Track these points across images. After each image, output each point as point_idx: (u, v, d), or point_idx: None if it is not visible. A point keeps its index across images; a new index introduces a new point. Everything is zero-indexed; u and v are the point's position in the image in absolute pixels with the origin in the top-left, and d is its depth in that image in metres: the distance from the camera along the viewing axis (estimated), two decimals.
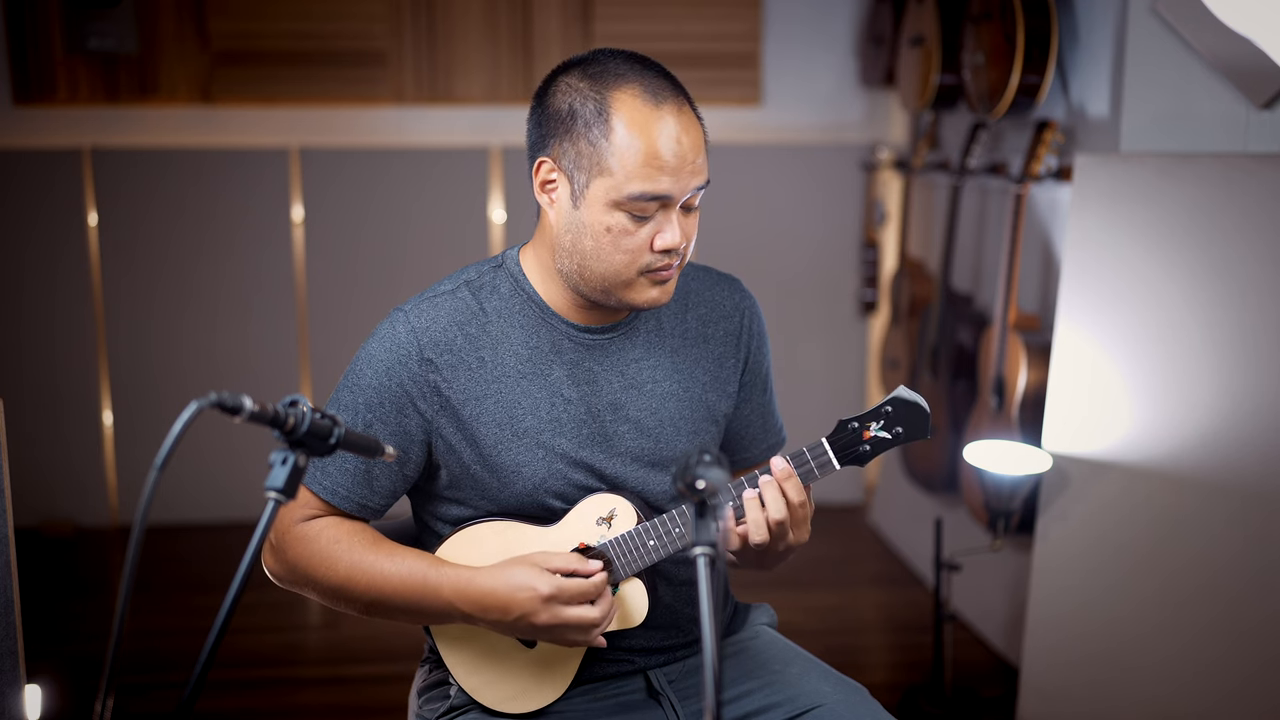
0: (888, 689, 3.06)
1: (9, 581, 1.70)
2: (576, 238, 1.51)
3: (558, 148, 1.50)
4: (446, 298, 1.59)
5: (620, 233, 1.48)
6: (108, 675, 1.09)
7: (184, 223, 4.22)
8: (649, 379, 1.62)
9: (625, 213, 1.47)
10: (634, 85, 1.47)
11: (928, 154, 3.86)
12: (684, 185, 1.48)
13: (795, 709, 1.62)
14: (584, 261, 1.52)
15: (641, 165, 1.45)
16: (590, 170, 1.47)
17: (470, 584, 1.52)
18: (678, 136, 1.47)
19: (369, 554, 1.55)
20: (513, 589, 1.49)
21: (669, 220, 1.49)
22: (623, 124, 1.46)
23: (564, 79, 1.51)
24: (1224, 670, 2.44)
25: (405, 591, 1.54)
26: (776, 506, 1.49)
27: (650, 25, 4.24)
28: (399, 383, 1.55)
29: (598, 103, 1.47)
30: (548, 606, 1.49)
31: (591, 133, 1.47)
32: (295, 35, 4.18)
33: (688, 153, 1.47)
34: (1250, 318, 2.45)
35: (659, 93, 1.48)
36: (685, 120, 1.48)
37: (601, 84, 1.48)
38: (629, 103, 1.46)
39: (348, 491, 1.57)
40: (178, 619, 3.52)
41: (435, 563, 1.55)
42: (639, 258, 1.50)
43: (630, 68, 1.49)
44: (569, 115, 1.48)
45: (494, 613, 1.51)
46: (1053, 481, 2.71)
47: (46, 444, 4.21)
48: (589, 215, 1.49)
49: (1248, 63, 2.56)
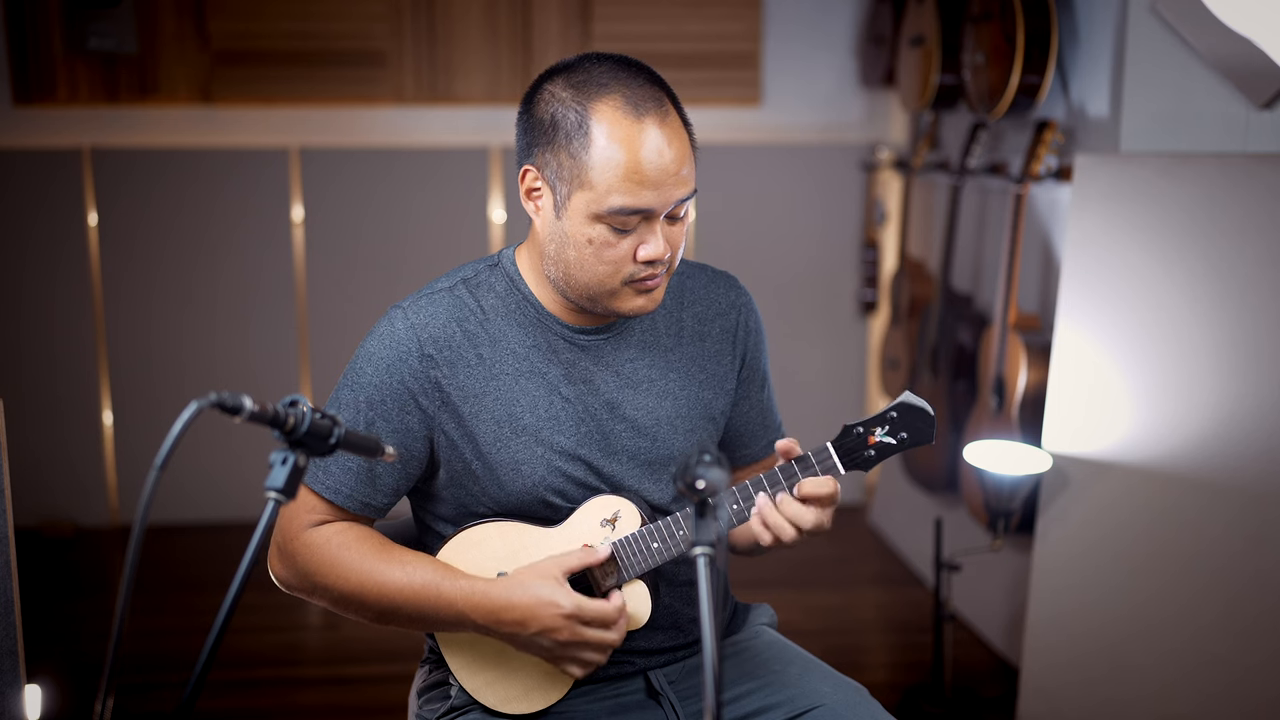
0: (888, 689, 3.06)
1: (9, 581, 1.70)
2: (560, 247, 1.51)
3: (541, 157, 1.49)
4: (444, 295, 1.59)
5: (602, 244, 1.48)
6: (108, 675, 1.09)
7: (184, 223, 4.22)
8: (645, 378, 1.63)
9: (606, 225, 1.47)
10: (616, 96, 1.46)
11: (928, 154, 3.86)
12: (666, 198, 1.47)
13: (795, 709, 1.62)
14: (568, 271, 1.51)
15: (622, 179, 1.44)
16: (571, 182, 1.47)
17: (486, 596, 1.51)
18: (660, 149, 1.45)
19: (379, 563, 1.54)
20: (536, 603, 1.49)
21: (652, 231, 1.48)
22: (603, 136, 1.44)
23: (548, 87, 1.50)
24: (1223, 670, 2.44)
25: (417, 602, 1.54)
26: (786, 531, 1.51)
27: (650, 25, 4.24)
28: (400, 379, 1.55)
29: (579, 114, 1.46)
30: (569, 624, 1.49)
31: (573, 144, 1.46)
32: (295, 35, 4.18)
33: (670, 165, 1.46)
34: (1250, 318, 2.45)
35: (641, 104, 1.46)
36: (669, 131, 1.47)
37: (584, 94, 1.46)
38: (610, 114, 1.45)
39: (351, 490, 1.57)
40: (178, 619, 3.52)
41: (447, 573, 1.54)
42: (622, 268, 1.49)
43: (614, 76, 1.48)
44: (551, 125, 1.47)
45: (510, 625, 1.51)
46: (1053, 481, 2.71)
47: (46, 444, 4.21)
48: (571, 226, 1.48)
49: (1248, 63, 2.56)
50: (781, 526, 1.50)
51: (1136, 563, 2.58)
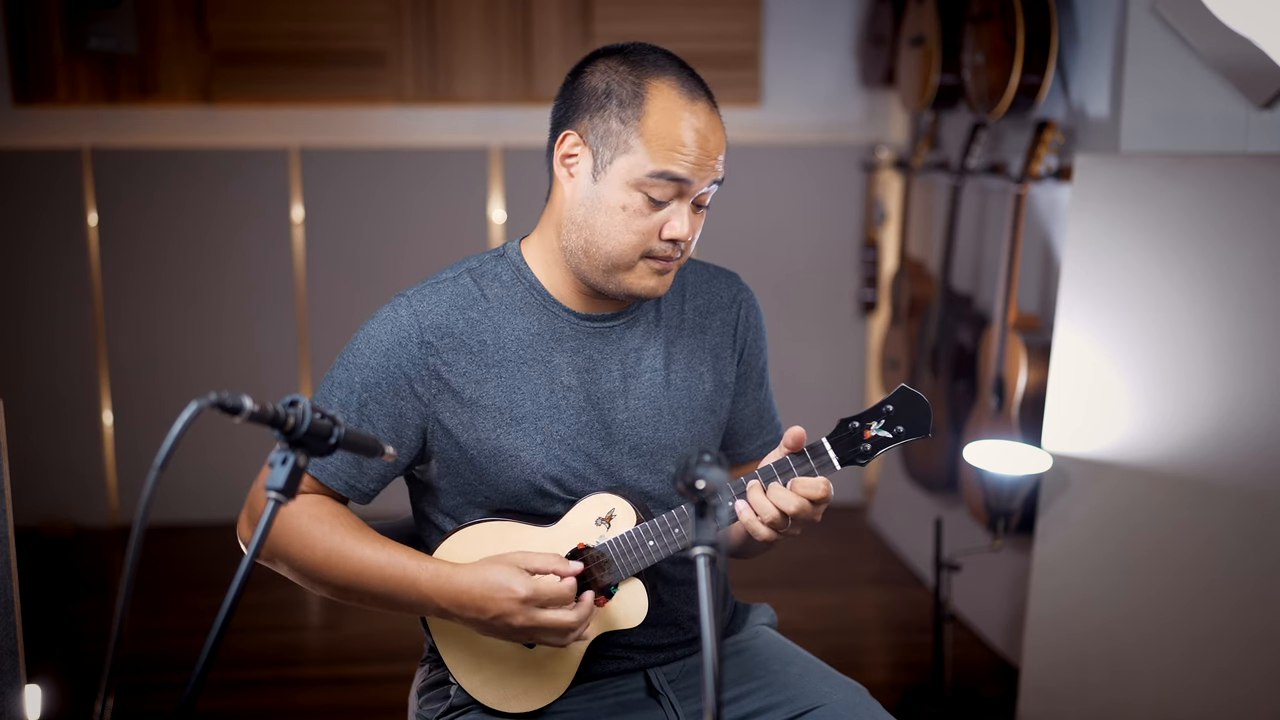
0: (888, 689, 3.06)
1: (9, 581, 1.70)
2: (590, 212, 1.54)
3: (586, 123, 1.54)
4: (448, 284, 1.61)
5: (634, 213, 1.52)
6: (108, 675, 1.09)
7: (184, 223, 4.22)
8: (648, 368, 1.64)
9: (643, 194, 1.51)
10: (672, 78, 1.53)
11: (928, 154, 3.86)
12: (703, 176, 1.53)
13: (795, 709, 1.62)
14: (592, 237, 1.54)
15: (669, 149, 1.50)
16: (616, 147, 1.52)
17: (450, 580, 1.52)
18: (705, 132, 1.52)
19: (349, 538, 1.54)
20: (490, 589, 1.49)
21: (680, 212, 1.53)
22: (657, 109, 1.51)
23: (603, 61, 1.57)
24: (1224, 669, 2.44)
25: (383, 579, 1.53)
26: (768, 512, 1.50)
27: (650, 25, 4.24)
28: (398, 364, 1.56)
29: (635, 85, 1.52)
30: (524, 608, 1.49)
31: (625, 112, 1.52)
32: (295, 35, 4.18)
33: (712, 149, 1.53)
34: (1250, 318, 2.45)
35: (694, 90, 1.54)
36: (713, 120, 1.54)
37: (641, 70, 1.53)
38: (666, 92, 1.52)
39: (336, 469, 1.57)
40: (178, 619, 3.52)
41: (416, 555, 1.55)
42: (646, 241, 1.53)
43: (670, 62, 1.56)
44: (604, 93, 1.53)
45: (470, 610, 1.51)
46: (1053, 481, 2.71)
47: (46, 444, 4.21)
48: (607, 190, 1.52)
49: (1248, 63, 2.56)
50: (763, 505, 1.49)
51: (1136, 562, 2.58)
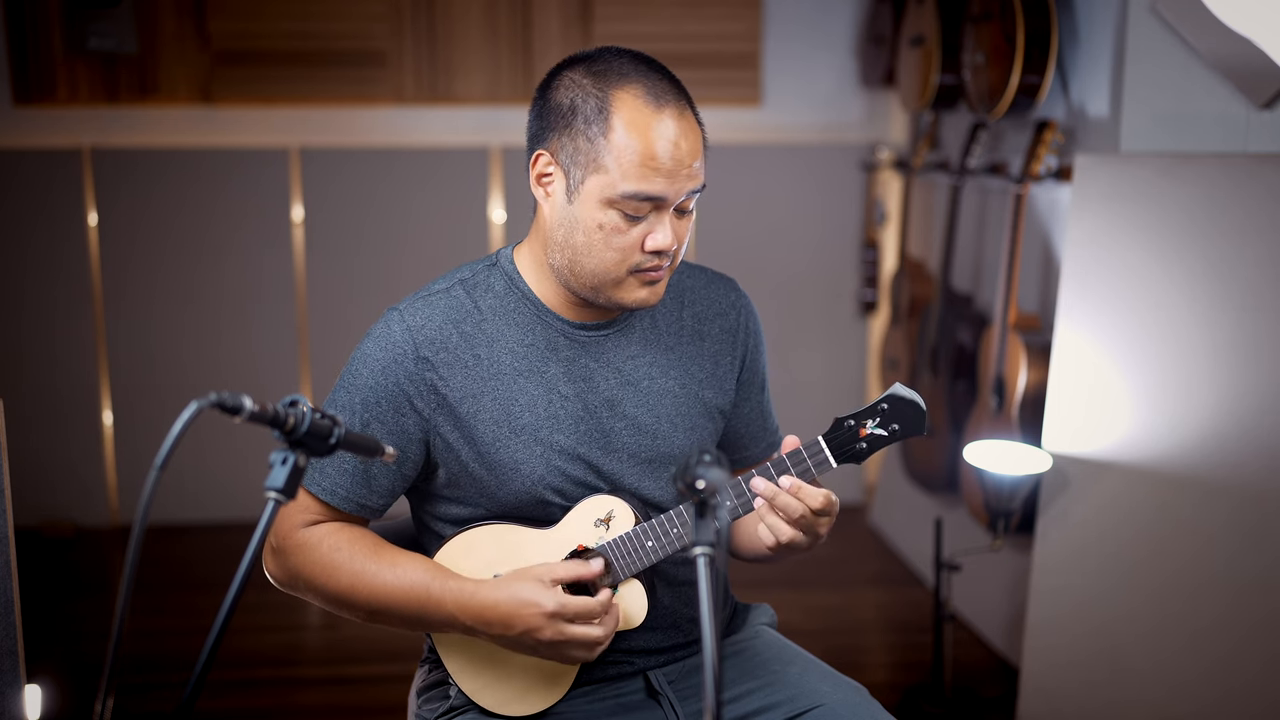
0: (888, 689, 3.06)
1: (9, 581, 1.70)
2: (569, 233, 1.51)
3: (556, 142, 1.50)
4: (441, 296, 1.59)
5: (612, 230, 1.49)
6: (108, 675, 1.09)
7: (184, 223, 4.22)
8: (645, 375, 1.63)
9: (618, 211, 1.48)
10: (636, 85, 1.48)
11: (928, 154, 3.86)
12: (678, 188, 1.48)
13: (795, 709, 1.62)
14: (575, 257, 1.52)
15: (638, 165, 1.46)
16: (586, 166, 1.48)
17: (473, 598, 1.51)
18: (676, 140, 1.47)
19: (371, 563, 1.55)
20: (518, 604, 1.49)
21: (661, 222, 1.50)
22: (622, 123, 1.46)
23: (568, 74, 1.52)
24: (1223, 669, 2.44)
25: (407, 602, 1.54)
26: (781, 528, 1.49)
27: (650, 25, 4.24)
28: (395, 382, 1.55)
29: (599, 100, 1.47)
30: (552, 622, 1.49)
31: (591, 129, 1.47)
32: (295, 35, 4.18)
33: (685, 156, 1.48)
34: (1250, 318, 2.45)
35: (661, 95, 1.48)
36: (685, 124, 1.49)
37: (604, 81, 1.48)
38: (630, 102, 1.47)
39: (347, 492, 1.57)
40: (178, 619, 3.52)
41: (438, 574, 1.54)
42: (629, 257, 1.50)
43: (635, 68, 1.50)
44: (570, 110, 1.49)
45: (496, 626, 1.51)
46: (1053, 481, 2.71)
47: (46, 444, 4.21)
48: (582, 211, 1.49)
49: (1248, 63, 2.56)
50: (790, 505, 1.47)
51: (1136, 562, 2.58)
